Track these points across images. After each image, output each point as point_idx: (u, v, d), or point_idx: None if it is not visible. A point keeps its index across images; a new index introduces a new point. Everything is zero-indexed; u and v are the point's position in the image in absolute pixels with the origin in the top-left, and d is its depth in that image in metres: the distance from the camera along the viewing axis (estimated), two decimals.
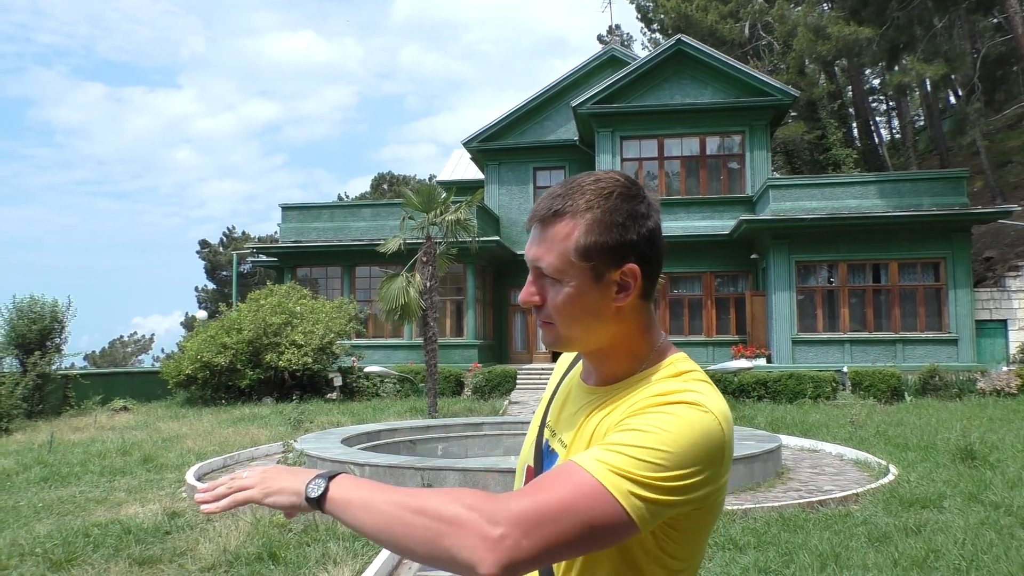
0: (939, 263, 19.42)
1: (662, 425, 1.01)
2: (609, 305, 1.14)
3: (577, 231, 1.12)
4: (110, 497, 7.85)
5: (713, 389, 1.11)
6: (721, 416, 1.05)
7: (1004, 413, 13.72)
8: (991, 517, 6.24)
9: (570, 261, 1.12)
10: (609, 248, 1.12)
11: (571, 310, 1.14)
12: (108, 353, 54.59)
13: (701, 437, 1.01)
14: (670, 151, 23.15)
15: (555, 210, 1.14)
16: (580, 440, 1.16)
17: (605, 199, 1.13)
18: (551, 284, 1.14)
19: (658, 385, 1.11)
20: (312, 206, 24.20)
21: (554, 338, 1.18)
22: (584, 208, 1.12)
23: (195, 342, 18.67)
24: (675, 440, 1.00)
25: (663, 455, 0.99)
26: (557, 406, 1.30)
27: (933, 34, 23.90)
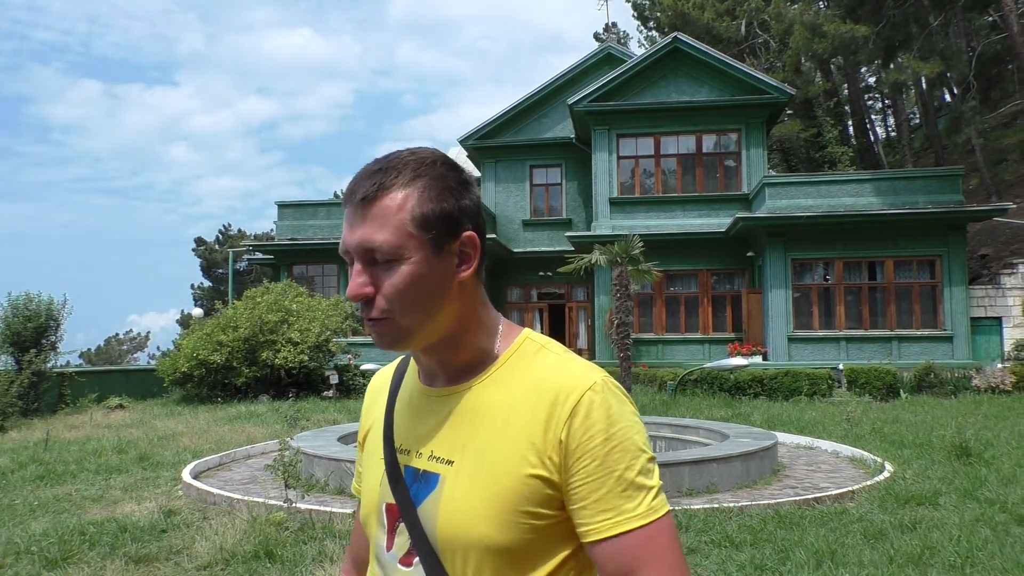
0: (935, 261, 19.46)
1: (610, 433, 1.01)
2: (451, 281, 1.05)
3: (411, 201, 1.02)
4: (106, 495, 7.84)
5: (572, 353, 1.11)
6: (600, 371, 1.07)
7: (999, 410, 13.76)
8: (986, 514, 6.26)
9: (408, 233, 1.02)
10: (447, 215, 1.04)
11: (413, 291, 1.02)
12: (104, 351, 54.49)
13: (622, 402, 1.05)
14: (666, 149, 23.15)
15: (379, 184, 1.03)
16: (476, 448, 1.04)
17: (431, 167, 1.06)
18: (384, 269, 1.02)
19: (540, 371, 1.06)
20: (308, 204, 24.18)
21: (393, 334, 1.04)
22: (412, 177, 1.04)
23: (191, 340, 18.64)
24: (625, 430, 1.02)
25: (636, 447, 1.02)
26: (404, 424, 1.15)
27: (929, 32, 23.94)
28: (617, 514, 0.99)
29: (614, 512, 0.99)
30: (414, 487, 1.08)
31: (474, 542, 1.01)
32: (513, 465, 1.01)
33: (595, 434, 1.00)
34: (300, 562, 5.20)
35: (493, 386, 1.07)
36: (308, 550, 5.46)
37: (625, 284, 16.58)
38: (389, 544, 1.10)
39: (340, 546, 5.50)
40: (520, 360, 1.08)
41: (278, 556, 5.32)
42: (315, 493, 7.60)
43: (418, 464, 1.09)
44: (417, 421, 1.13)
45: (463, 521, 1.02)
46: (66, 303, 18.02)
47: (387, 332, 1.05)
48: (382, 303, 1.02)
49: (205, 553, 5.40)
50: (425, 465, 1.08)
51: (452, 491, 1.04)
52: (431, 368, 1.14)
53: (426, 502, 1.06)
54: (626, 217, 22.41)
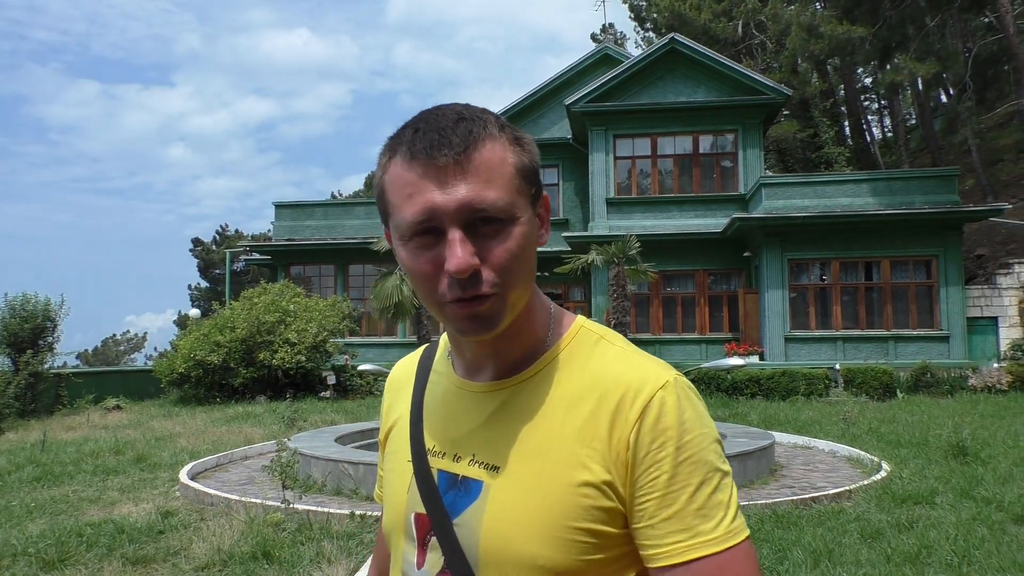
0: (931, 261, 19.50)
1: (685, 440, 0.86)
2: (536, 241, 0.92)
3: (508, 152, 0.88)
4: (103, 496, 7.83)
5: (634, 345, 0.97)
6: (669, 366, 0.94)
7: (995, 409, 13.79)
8: (983, 513, 6.27)
9: (518, 189, 0.87)
10: (535, 169, 0.91)
11: (527, 257, 0.88)
12: (101, 352, 54.43)
13: (696, 403, 0.90)
14: (663, 149, 23.17)
15: (474, 133, 0.86)
16: (529, 456, 0.89)
17: (517, 136, 0.91)
18: (491, 234, 0.85)
19: (602, 369, 0.91)
20: (306, 204, 24.18)
21: (498, 313, 0.88)
22: (499, 127, 0.89)
23: (188, 340, 18.61)
24: (701, 438, 0.88)
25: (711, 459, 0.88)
26: (438, 423, 1.00)
27: (925, 33, 24.00)
28: (691, 536, 0.84)
29: (688, 534, 0.84)
30: (449, 495, 0.93)
31: (523, 563, 0.86)
32: (571, 474, 0.87)
33: (667, 441, 0.86)
34: (298, 563, 5.20)
35: (546, 381, 0.92)
36: (306, 551, 5.46)
37: (622, 284, 16.60)
38: (420, 560, 0.95)
39: (338, 547, 5.50)
40: (577, 352, 0.94)
41: (275, 557, 5.32)
42: (312, 494, 7.61)
43: (455, 469, 0.95)
44: (453, 420, 0.98)
45: (511, 537, 0.87)
46: (63, 304, 17.99)
47: (491, 312, 0.87)
48: (491, 275, 0.85)
49: (202, 554, 5.39)
50: (464, 471, 0.93)
51: (498, 502, 0.89)
52: (478, 359, 0.97)
53: (465, 514, 0.91)
54: (623, 217, 22.42)
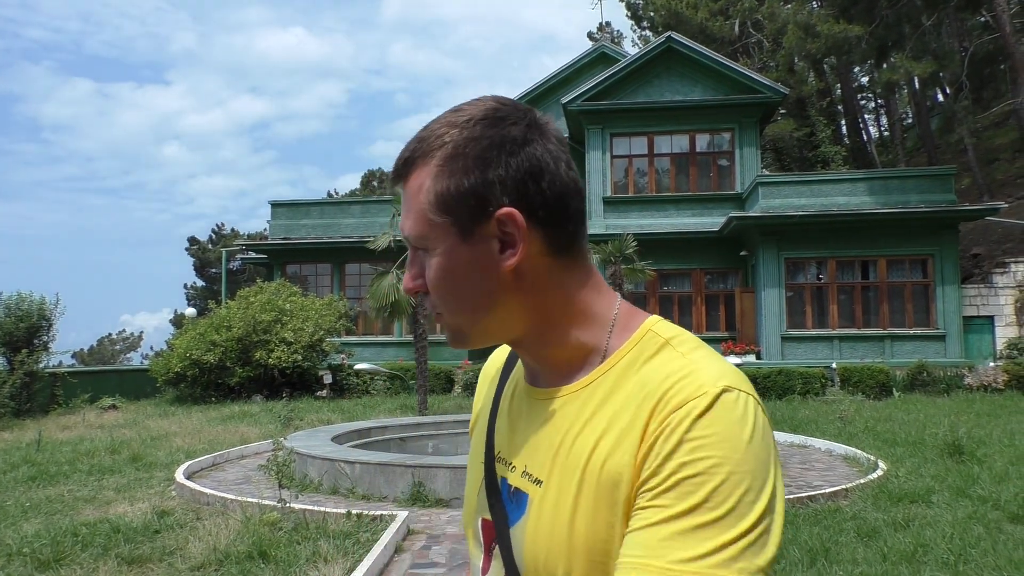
0: (927, 260, 19.53)
1: (712, 452, 0.73)
2: (496, 271, 0.84)
3: (428, 179, 0.84)
4: (99, 496, 7.81)
5: (715, 354, 0.84)
6: (748, 387, 0.80)
7: (991, 408, 13.82)
8: (979, 511, 6.28)
9: (428, 220, 0.84)
10: (468, 192, 0.83)
11: (448, 285, 0.85)
12: (96, 351, 54.30)
13: (754, 432, 0.76)
14: (660, 148, 23.17)
15: (405, 159, 0.87)
16: (567, 470, 0.83)
17: (461, 130, 0.84)
18: (425, 260, 0.86)
19: (652, 372, 0.82)
20: (302, 203, 24.14)
21: (450, 331, 0.89)
22: (437, 147, 0.84)
23: (184, 340, 18.58)
24: (738, 462, 0.73)
25: (741, 489, 0.72)
26: (504, 426, 0.96)
27: (922, 32, 24.04)
28: (649, 552, 0.72)
29: (649, 551, 0.72)
30: (510, 505, 0.89)
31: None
32: (607, 495, 0.79)
33: (680, 444, 0.75)
34: (294, 562, 5.19)
35: (600, 391, 0.85)
36: (302, 550, 5.45)
37: (619, 283, 16.59)
38: (485, 566, 0.93)
39: (334, 546, 5.49)
40: (637, 359, 0.85)
41: (272, 556, 5.30)
42: (309, 493, 7.60)
43: (512, 480, 0.90)
44: (515, 426, 0.94)
45: (546, 556, 0.82)
46: (58, 303, 17.94)
47: (444, 328, 0.90)
48: (432, 298, 0.88)
49: (199, 554, 5.38)
50: (517, 482, 0.89)
51: (537, 518, 0.84)
52: (530, 365, 0.95)
53: (515, 526, 0.87)
54: (620, 216, 22.42)
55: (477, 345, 0.91)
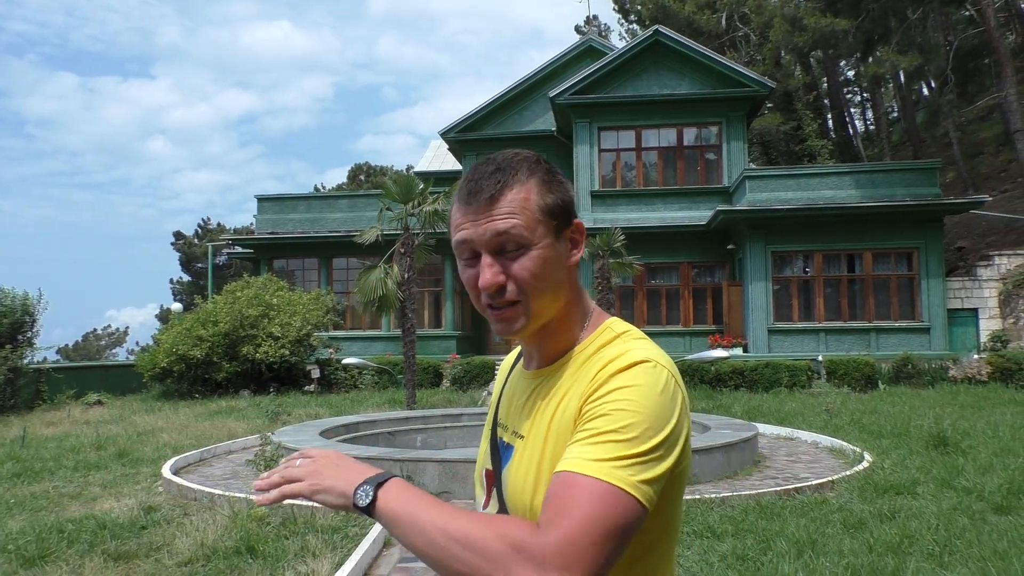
0: (912, 253, 19.66)
1: (627, 396, 1.04)
2: (565, 265, 1.17)
3: (533, 193, 1.14)
4: (84, 492, 7.76)
5: (651, 343, 1.15)
6: (668, 364, 1.10)
7: (975, 400, 13.94)
8: (963, 502, 6.34)
9: (537, 220, 1.13)
10: (562, 204, 1.17)
11: (545, 272, 1.13)
12: (81, 346, 53.93)
13: (663, 392, 1.06)
14: (648, 142, 23.19)
15: (502, 181, 1.14)
16: (539, 426, 1.15)
17: (538, 164, 1.18)
18: (513, 256, 1.13)
19: (601, 353, 1.13)
20: (288, 197, 23.99)
21: (523, 318, 1.15)
22: (528, 174, 1.15)
23: (170, 335, 18.48)
24: (645, 406, 1.03)
25: (643, 426, 1.02)
26: (506, 402, 1.29)
27: (907, 26, 24.15)
28: (574, 455, 1.02)
29: (575, 454, 1.02)
30: (503, 457, 1.21)
31: (530, 510, 1.10)
32: (559, 441, 1.10)
33: (609, 391, 1.05)
34: (282, 557, 5.17)
35: (566, 371, 1.17)
36: (290, 545, 5.43)
37: (607, 277, 16.62)
38: (485, 503, 1.26)
39: (322, 541, 5.47)
40: (595, 347, 1.16)
41: (260, 551, 5.29)
42: None
43: (505, 437, 1.24)
44: (512, 399, 1.27)
45: (521, 490, 1.13)
46: (42, 298, 17.78)
47: (516, 316, 1.14)
48: (514, 288, 1.13)
49: (186, 549, 5.35)
50: (508, 438, 1.22)
51: (518, 463, 1.16)
52: (528, 352, 1.27)
53: (504, 470, 1.19)
54: (607, 210, 22.44)
55: (532, 329, 1.17)
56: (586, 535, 0.95)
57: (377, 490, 1.04)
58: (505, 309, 1.14)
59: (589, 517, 0.95)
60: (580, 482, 0.98)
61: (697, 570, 4.81)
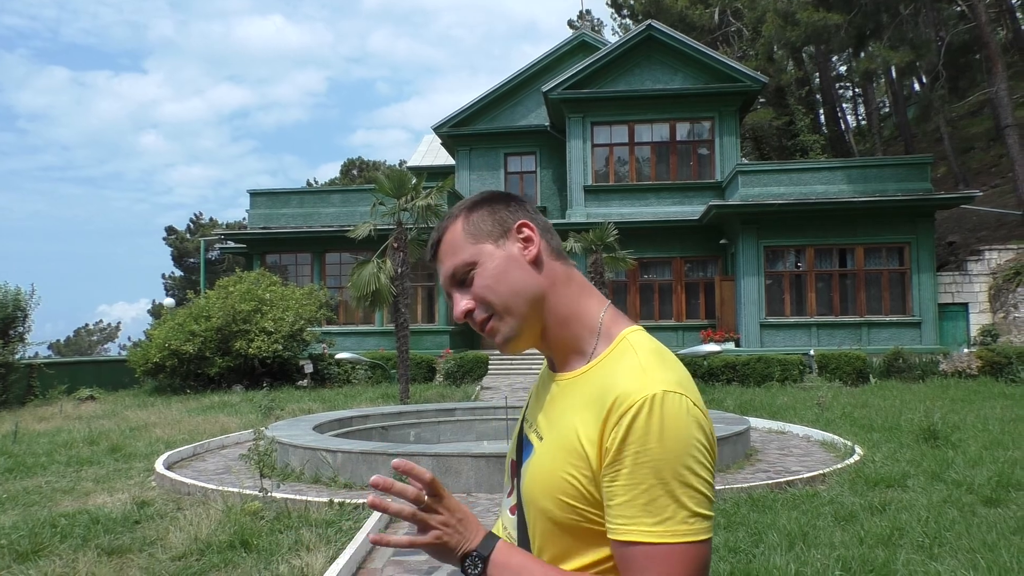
0: (904, 248, 19.74)
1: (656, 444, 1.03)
2: (523, 262, 1.20)
3: (459, 224, 1.23)
4: (77, 487, 7.75)
5: (663, 358, 1.13)
6: (680, 387, 1.08)
7: (965, 394, 14.02)
8: (953, 495, 6.39)
9: (468, 244, 1.21)
10: (492, 222, 1.22)
11: (498, 277, 1.18)
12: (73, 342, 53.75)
13: (686, 422, 1.05)
14: (640, 136, 23.21)
15: (439, 236, 1.25)
16: (556, 434, 1.16)
17: (472, 205, 1.25)
18: (469, 282, 1.20)
19: (619, 374, 1.11)
20: (281, 192, 23.93)
21: (503, 331, 1.20)
22: (454, 218, 1.24)
23: (163, 330, 18.42)
24: (675, 445, 1.03)
25: (681, 467, 1.03)
26: (535, 399, 1.32)
27: (899, 21, 24.19)
28: (632, 523, 1.03)
29: (631, 520, 1.04)
30: (525, 451, 1.25)
31: (540, 511, 1.15)
32: (573, 456, 1.11)
33: (631, 443, 1.04)
34: (276, 551, 5.18)
35: (585, 382, 1.17)
36: (284, 539, 5.44)
37: (600, 272, 16.64)
38: (510, 492, 1.30)
39: (316, 535, 5.48)
40: (611, 362, 1.15)
41: (254, 545, 5.29)
42: (291, 482, 7.58)
43: (529, 434, 1.26)
44: (539, 398, 1.29)
45: (535, 490, 1.16)
46: (34, 293, 17.72)
47: (496, 329, 1.20)
48: (479, 307, 1.20)
49: (179, 544, 5.35)
50: (531, 435, 1.25)
51: (536, 461, 1.18)
52: (548, 355, 1.29)
53: (523, 465, 1.23)
54: (600, 205, 22.46)
55: (523, 339, 1.21)
56: None
57: (486, 567, 1.10)
58: (485, 324, 1.21)
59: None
60: (649, 554, 1.02)
61: None
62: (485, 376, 19.00)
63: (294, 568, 4.78)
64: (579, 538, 1.12)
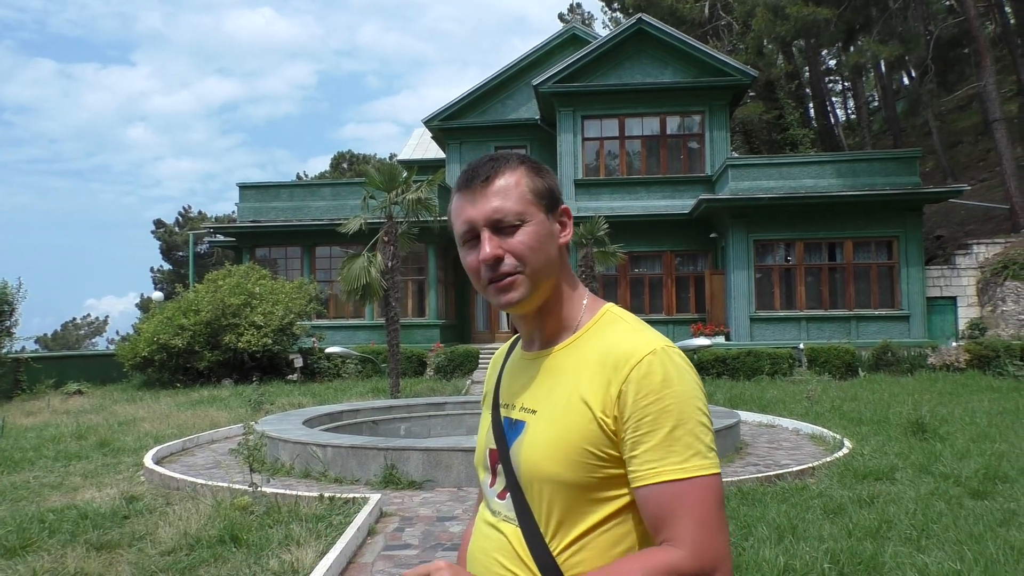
0: (892, 241, 19.83)
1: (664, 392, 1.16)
2: (556, 243, 1.30)
3: (524, 178, 1.28)
4: (65, 482, 7.71)
5: (645, 324, 1.28)
6: (669, 343, 1.23)
7: (953, 387, 14.12)
8: (940, 488, 6.43)
9: (528, 200, 1.27)
10: (550, 188, 1.31)
11: (539, 244, 1.26)
12: (61, 336, 53.42)
13: (682, 369, 1.20)
14: (631, 130, 23.20)
15: (495, 168, 1.28)
16: (555, 401, 1.24)
17: (526, 159, 1.32)
18: (510, 232, 1.25)
19: (611, 341, 1.23)
20: (271, 185, 23.81)
21: (523, 288, 1.26)
22: (518, 163, 1.30)
23: (151, 324, 18.33)
24: (681, 392, 1.17)
25: (688, 410, 1.16)
26: (507, 384, 1.38)
27: (888, 15, 24.25)
28: (659, 464, 1.13)
29: (658, 463, 1.13)
30: (508, 434, 1.30)
31: (547, 477, 1.21)
32: (580, 414, 1.20)
33: (649, 392, 1.16)
34: (266, 546, 5.17)
35: (574, 351, 1.28)
36: (274, 534, 5.43)
37: (590, 266, 16.64)
38: (492, 481, 1.34)
39: (306, 529, 5.47)
40: (599, 330, 1.28)
41: (244, 540, 5.28)
42: (280, 477, 7.57)
43: (512, 415, 1.32)
44: (515, 380, 1.36)
45: (539, 459, 1.22)
46: (20, 287, 17.61)
47: (515, 285, 1.25)
48: (512, 260, 1.25)
49: (169, 539, 5.34)
50: (516, 415, 1.30)
51: (532, 435, 1.24)
52: (529, 335, 1.37)
53: (514, 445, 1.27)
54: (591, 199, 22.45)
55: (533, 301, 1.28)
56: (711, 529, 1.12)
57: None
58: (507, 278, 1.25)
59: (704, 515, 1.12)
60: (681, 489, 1.13)
61: None
62: (475, 370, 19.01)
63: (284, 563, 4.77)
64: (589, 494, 1.19)
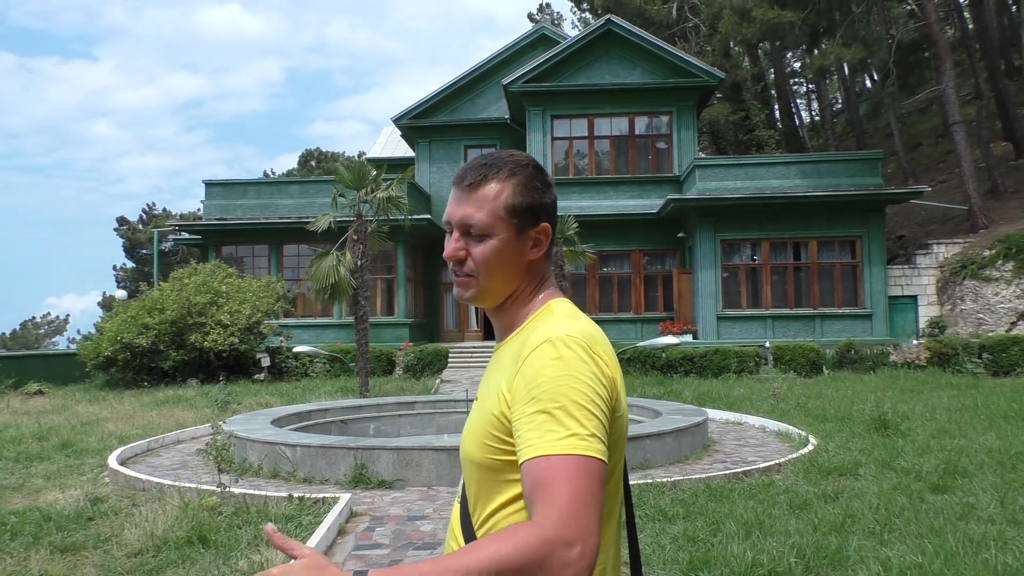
0: (855, 241, 20.18)
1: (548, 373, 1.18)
2: (524, 259, 1.34)
3: (505, 192, 1.31)
4: (27, 484, 7.56)
5: (578, 320, 1.29)
6: (583, 336, 1.23)
7: (914, 384, 14.40)
8: (902, 483, 6.57)
9: (499, 217, 1.31)
10: (530, 207, 1.33)
11: (496, 260, 1.31)
12: (20, 335, 52.27)
13: (577, 358, 1.20)
14: (600, 130, 23.34)
15: (483, 175, 1.32)
16: (485, 394, 1.32)
17: (524, 168, 1.35)
18: (477, 240, 1.31)
19: (533, 331, 1.28)
20: (238, 182, 23.53)
21: (474, 291, 1.34)
22: (509, 174, 1.32)
23: (115, 323, 18.03)
24: (567, 372, 1.17)
25: (570, 395, 1.16)
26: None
27: (852, 19, 24.64)
28: (531, 444, 1.14)
29: (537, 439, 1.14)
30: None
31: (467, 459, 1.31)
32: (495, 402, 1.26)
33: (534, 376, 1.19)
34: (235, 546, 5.13)
35: (510, 345, 1.33)
36: (243, 534, 5.38)
37: (560, 265, 16.71)
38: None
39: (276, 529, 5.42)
40: (534, 324, 1.32)
41: (212, 541, 5.23)
42: (249, 477, 7.50)
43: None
44: (486, 373, 1.42)
45: (464, 443, 1.32)
46: None
47: (469, 287, 1.34)
48: (471, 265, 1.32)
49: (135, 540, 5.26)
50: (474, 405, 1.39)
51: (467, 422, 1.35)
52: (496, 327, 1.43)
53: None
54: (561, 198, 22.17)
55: (484, 303, 1.37)
56: (579, 505, 1.08)
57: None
58: (464, 278, 1.34)
59: (573, 492, 1.09)
60: (552, 463, 1.11)
61: (649, 552, 4.90)
62: (445, 369, 18.97)
63: (253, 564, 4.74)
64: (498, 476, 1.24)
